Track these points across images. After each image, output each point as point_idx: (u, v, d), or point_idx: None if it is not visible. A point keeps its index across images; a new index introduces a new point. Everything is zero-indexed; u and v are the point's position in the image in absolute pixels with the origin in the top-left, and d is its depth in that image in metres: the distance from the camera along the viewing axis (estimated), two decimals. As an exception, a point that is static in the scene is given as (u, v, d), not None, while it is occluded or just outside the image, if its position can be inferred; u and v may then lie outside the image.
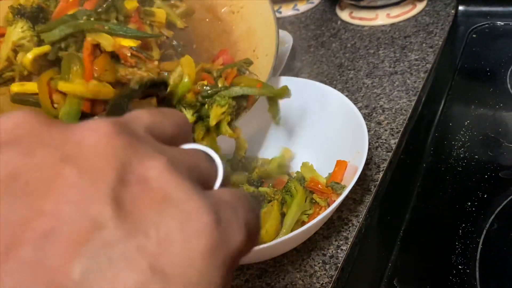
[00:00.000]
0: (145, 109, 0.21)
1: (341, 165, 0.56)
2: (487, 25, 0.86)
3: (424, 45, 0.83)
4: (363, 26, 0.92)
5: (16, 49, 0.55)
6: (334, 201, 0.51)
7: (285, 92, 0.57)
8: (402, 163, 0.65)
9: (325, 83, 0.66)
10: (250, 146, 0.60)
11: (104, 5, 0.56)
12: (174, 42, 0.62)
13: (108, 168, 0.17)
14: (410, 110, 0.69)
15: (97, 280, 0.15)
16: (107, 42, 0.52)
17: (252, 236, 0.20)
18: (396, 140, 0.65)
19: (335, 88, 0.75)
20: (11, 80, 0.55)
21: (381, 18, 0.91)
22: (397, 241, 0.56)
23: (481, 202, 0.57)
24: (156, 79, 0.53)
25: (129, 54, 0.52)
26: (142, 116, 0.20)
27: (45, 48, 0.53)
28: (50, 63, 0.54)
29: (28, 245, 0.15)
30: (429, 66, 0.77)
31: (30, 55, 0.53)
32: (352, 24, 0.94)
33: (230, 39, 0.69)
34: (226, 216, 0.18)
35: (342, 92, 0.76)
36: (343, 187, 0.52)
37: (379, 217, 0.59)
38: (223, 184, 0.21)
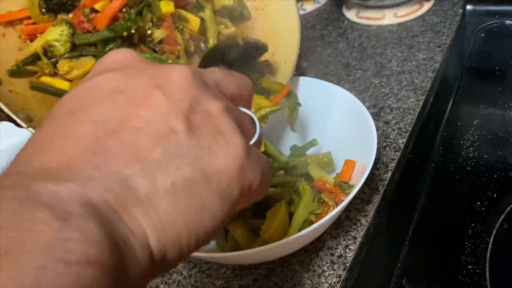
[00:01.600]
0: (220, 68, 0.29)
1: (349, 164, 0.55)
2: (495, 24, 0.86)
3: (431, 44, 0.82)
4: (370, 26, 0.92)
5: (47, 47, 0.56)
6: (342, 200, 0.51)
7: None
8: (410, 162, 0.64)
9: (332, 83, 0.66)
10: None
11: (140, 6, 0.56)
12: (202, 45, 0.62)
13: (185, 98, 0.24)
14: (418, 110, 0.69)
15: (167, 164, 0.23)
16: None
17: (263, 184, 0.28)
18: (404, 140, 0.65)
19: (342, 87, 0.75)
20: (31, 74, 0.56)
21: (388, 18, 0.91)
22: (406, 241, 0.55)
23: (491, 202, 0.56)
24: None
25: None
26: (215, 72, 0.28)
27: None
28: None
29: (127, 132, 0.22)
30: (437, 65, 0.77)
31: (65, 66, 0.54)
32: (359, 24, 0.94)
33: (251, 36, 0.68)
34: (253, 158, 0.26)
35: (350, 91, 0.76)
36: (352, 187, 0.52)
37: (387, 217, 0.59)
38: (257, 143, 0.29)
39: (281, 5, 0.67)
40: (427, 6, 0.92)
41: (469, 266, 0.50)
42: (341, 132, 0.60)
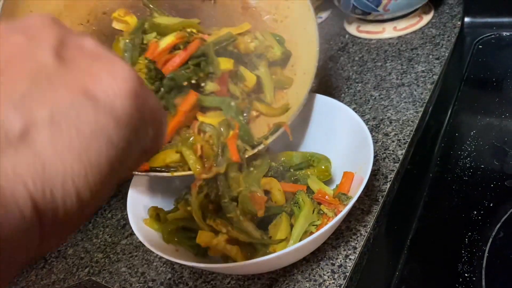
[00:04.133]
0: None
1: (348, 176, 0.57)
2: (493, 36, 0.88)
3: (430, 56, 0.84)
4: (371, 39, 0.94)
5: None
6: (341, 211, 0.52)
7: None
8: (409, 173, 0.66)
9: (333, 96, 0.68)
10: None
11: (201, 63, 0.59)
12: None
13: (50, 35, 0.22)
14: (417, 121, 0.71)
15: (39, 93, 0.20)
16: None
17: (160, 126, 0.26)
18: (403, 151, 0.66)
19: (343, 100, 0.77)
20: None
21: (388, 31, 0.93)
22: (404, 250, 0.57)
23: (487, 211, 0.57)
24: None
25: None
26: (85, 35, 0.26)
27: None
28: None
29: None
30: (435, 77, 0.79)
31: None
32: (359, 38, 0.96)
33: None
34: (148, 89, 0.24)
35: (350, 104, 0.78)
36: (350, 198, 0.54)
37: (386, 227, 0.60)
38: None
39: (301, 17, 0.67)
40: (426, 19, 0.94)
41: (466, 274, 0.51)
42: (340, 145, 0.62)
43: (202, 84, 0.59)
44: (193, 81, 0.57)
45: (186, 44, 0.60)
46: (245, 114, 0.60)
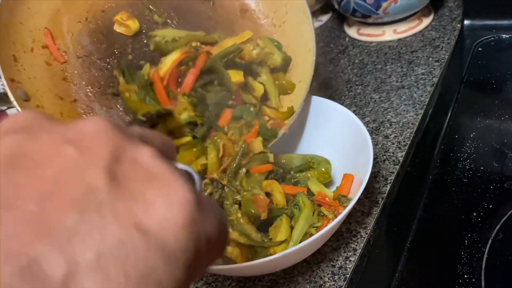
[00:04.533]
0: (141, 128, 0.24)
1: (347, 178, 0.58)
2: (492, 39, 0.88)
3: (430, 59, 0.85)
4: (371, 42, 0.94)
5: None
6: (341, 213, 0.53)
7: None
8: (409, 175, 0.66)
9: (333, 99, 0.68)
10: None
11: (215, 80, 0.61)
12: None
13: (104, 148, 0.20)
14: (417, 124, 0.71)
15: (87, 229, 0.17)
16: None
17: (222, 236, 0.23)
18: (403, 153, 0.67)
19: (343, 103, 0.77)
20: None
21: (388, 34, 0.93)
22: (404, 251, 0.57)
23: (487, 212, 0.58)
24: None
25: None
26: (135, 128, 0.23)
27: None
28: None
29: (29, 200, 0.17)
30: (435, 79, 0.79)
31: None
32: (360, 41, 0.96)
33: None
34: (205, 205, 0.21)
35: (350, 107, 0.79)
36: (349, 200, 0.54)
37: (386, 229, 0.61)
38: None
39: (299, 24, 0.68)
40: (426, 22, 0.94)
41: (465, 276, 0.52)
42: (340, 147, 0.63)
43: None
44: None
45: (191, 58, 0.61)
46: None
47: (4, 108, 0.63)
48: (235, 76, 0.61)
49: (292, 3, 0.68)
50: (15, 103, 0.52)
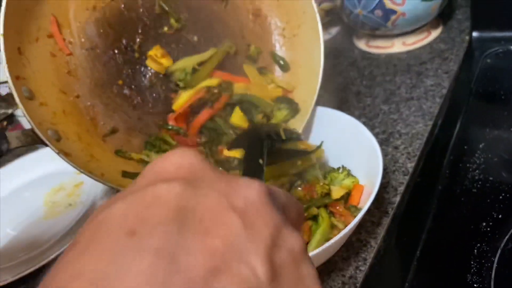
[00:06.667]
0: (281, 190, 0.25)
1: (357, 189, 0.58)
2: (501, 50, 0.89)
3: (439, 71, 0.85)
4: (380, 54, 0.96)
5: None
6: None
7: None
8: (418, 186, 0.67)
9: (343, 110, 0.69)
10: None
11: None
12: None
13: (266, 229, 0.20)
14: (426, 135, 0.72)
15: None
16: None
17: None
18: (413, 164, 0.67)
19: (353, 114, 0.78)
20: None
21: (397, 46, 0.95)
22: (413, 261, 0.58)
23: (496, 222, 0.58)
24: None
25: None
26: (280, 193, 0.24)
27: None
28: None
29: (199, 273, 0.18)
30: (444, 91, 0.80)
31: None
32: (369, 53, 0.98)
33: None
34: None
35: (360, 118, 0.80)
36: (359, 210, 0.55)
37: (396, 239, 0.61)
38: None
39: (309, 41, 0.68)
40: (434, 34, 0.95)
41: (475, 285, 0.52)
42: (350, 158, 0.64)
43: None
44: None
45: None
46: None
47: (9, 111, 0.62)
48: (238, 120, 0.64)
49: (306, 16, 0.68)
50: (20, 104, 0.51)
